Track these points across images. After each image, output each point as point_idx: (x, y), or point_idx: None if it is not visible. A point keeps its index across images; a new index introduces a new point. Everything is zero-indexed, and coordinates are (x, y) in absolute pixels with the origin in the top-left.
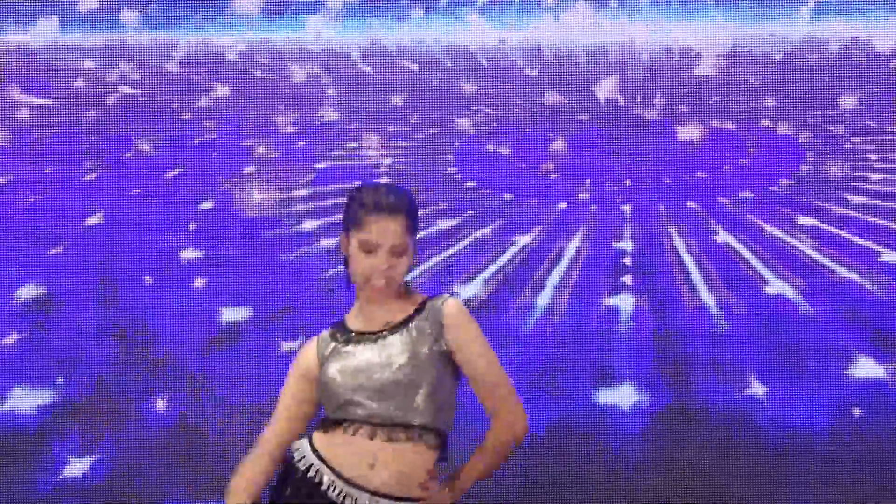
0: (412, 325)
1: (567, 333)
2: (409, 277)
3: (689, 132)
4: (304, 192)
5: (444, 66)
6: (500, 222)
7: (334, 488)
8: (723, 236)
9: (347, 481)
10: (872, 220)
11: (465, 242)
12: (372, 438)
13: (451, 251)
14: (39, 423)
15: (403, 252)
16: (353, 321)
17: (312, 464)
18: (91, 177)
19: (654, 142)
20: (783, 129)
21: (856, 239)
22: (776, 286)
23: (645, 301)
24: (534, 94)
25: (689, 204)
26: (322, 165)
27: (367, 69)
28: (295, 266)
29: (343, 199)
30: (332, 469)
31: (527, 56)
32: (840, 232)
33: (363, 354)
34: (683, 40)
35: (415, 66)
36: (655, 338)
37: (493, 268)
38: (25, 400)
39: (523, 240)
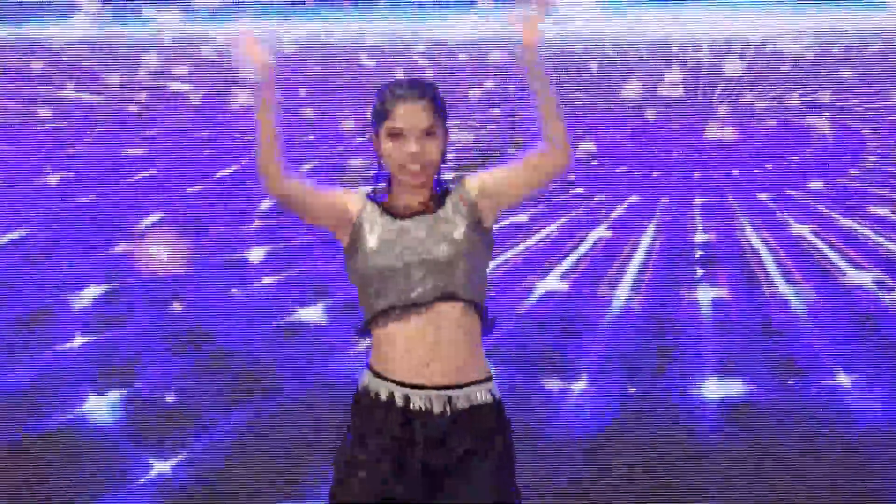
0: (447, 205)
1: (646, 326)
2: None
3: (755, 124)
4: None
5: (506, 59)
6: (571, 216)
7: (396, 397)
8: (796, 228)
9: (410, 386)
10: None
11: (538, 237)
12: (422, 318)
13: (523, 245)
14: (115, 427)
15: (432, 134)
16: (390, 206)
17: (369, 384)
18: (150, 172)
19: (719, 133)
20: (845, 119)
21: None
22: (853, 277)
23: (724, 293)
24: (599, 88)
25: (760, 196)
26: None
27: (424, 62)
28: None
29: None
30: (392, 381)
31: (590, 49)
32: None
33: (410, 232)
34: (746, 31)
35: (474, 60)
36: (740, 329)
37: (569, 261)
38: (98, 403)
39: (595, 233)
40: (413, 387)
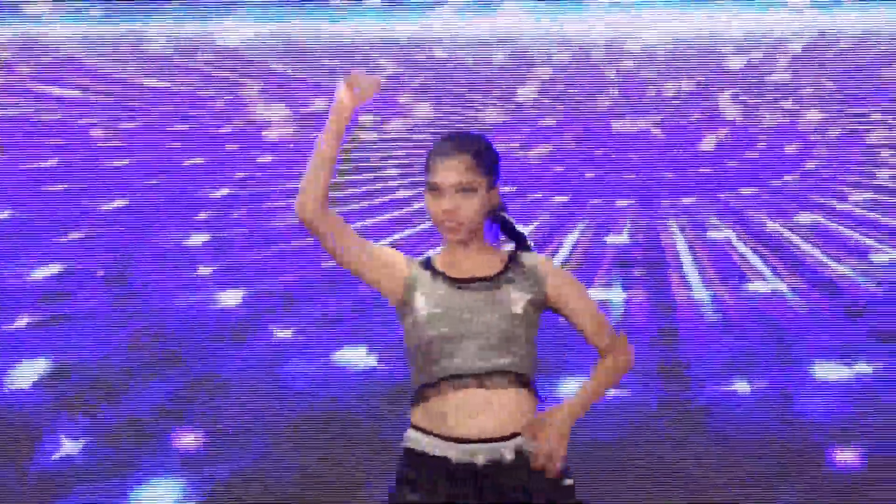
0: (512, 277)
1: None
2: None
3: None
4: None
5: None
6: (545, 219)
7: (446, 453)
8: (772, 226)
9: (448, 438)
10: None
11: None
12: (476, 389)
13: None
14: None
15: (469, 190)
16: (444, 266)
17: (412, 438)
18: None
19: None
20: (802, 124)
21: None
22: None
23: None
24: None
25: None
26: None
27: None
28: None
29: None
30: (433, 433)
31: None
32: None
33: (465, 301)
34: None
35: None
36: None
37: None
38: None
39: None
40: (461, 441)
